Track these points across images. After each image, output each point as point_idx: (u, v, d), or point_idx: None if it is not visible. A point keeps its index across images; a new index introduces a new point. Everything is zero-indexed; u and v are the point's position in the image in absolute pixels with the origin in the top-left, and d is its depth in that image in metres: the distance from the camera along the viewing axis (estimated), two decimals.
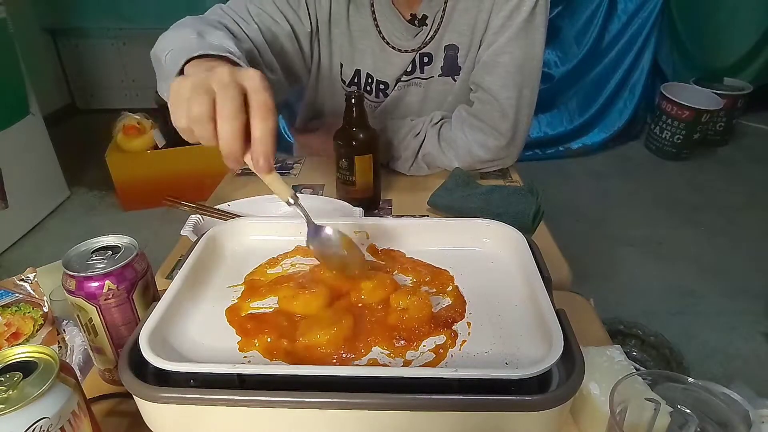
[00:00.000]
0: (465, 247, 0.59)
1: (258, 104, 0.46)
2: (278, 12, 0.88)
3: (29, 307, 0.79)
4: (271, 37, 0.88)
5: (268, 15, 0.88)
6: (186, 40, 0.65)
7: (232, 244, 0.60)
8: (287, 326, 0.47)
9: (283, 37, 0.90)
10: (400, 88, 0.99)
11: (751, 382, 1.40)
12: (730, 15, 2.83)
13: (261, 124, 0.46)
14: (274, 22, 0.88)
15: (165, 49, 0.67)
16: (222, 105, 0.46)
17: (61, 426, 0.38)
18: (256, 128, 0.46)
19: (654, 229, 2.20)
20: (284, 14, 0.89)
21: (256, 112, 0.46)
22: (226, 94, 0.46)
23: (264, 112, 0.46)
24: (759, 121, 3.09)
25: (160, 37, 0.74)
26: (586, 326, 0.63)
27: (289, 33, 0.90)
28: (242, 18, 0.85)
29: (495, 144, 0.94)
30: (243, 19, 0.85)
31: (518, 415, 0.38)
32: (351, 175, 0.85)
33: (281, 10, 0.89)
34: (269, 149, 0.47)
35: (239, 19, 0.84)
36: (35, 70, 2.45)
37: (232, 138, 0.46)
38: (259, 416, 0.39)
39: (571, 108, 2.83)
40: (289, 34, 0.90)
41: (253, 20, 0.86)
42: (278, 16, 0.88)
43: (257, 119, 0.46)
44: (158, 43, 0.72)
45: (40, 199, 2.34)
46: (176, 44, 0.65)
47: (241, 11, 0.86)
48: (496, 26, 0.89)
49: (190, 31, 0.67)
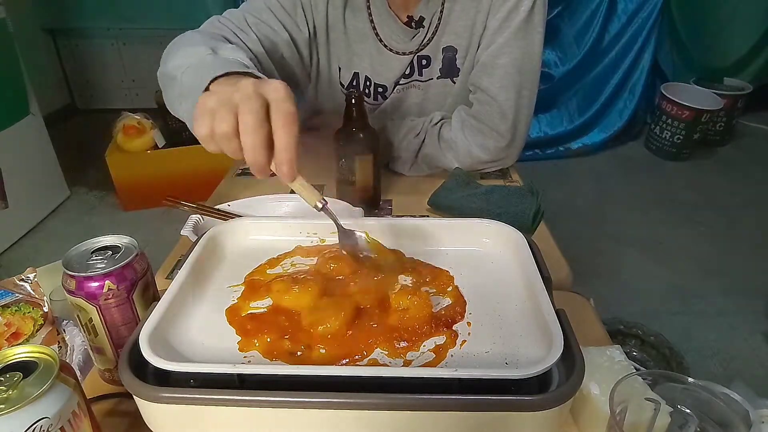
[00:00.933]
0: (465, 247, 0.59)
1: (281, 114, 0.47)
2: (276, 20, 0.88)
3: (29, 307, 0.78)
4: (270, 46, 0.87)
5: (266, 24, 0.87)
6: (201, 57, 0.66)
7: (232, 244, 0.60)
8: (288, 325, 0.47)
9: (282, 45, 0.89)
10: (399, 91, 0.99)
11: (751, 382, 1.40)
12: (730, 15, 2.83)
13: (284, 132, 0.47)
14: (272, 30, 0.88)
15: (179, 66, 0.67)
16: (244, 119, 0.47)
17: (61, 426, 0.38)
18: (280, 137, 0.47)
19: (654, 229, 2.20)
20: (282, 22, 0.89)
21: (279, 121, 0.47)
22: (248, 107, 0.47)
23: (287, 121, 0.47)
24: (759, 121, 3.09)
25: (165, 54, 0.73)
26: (586, 326, 0.63)
27: (288, 40, 0.90)
28: (241, 29, 0.84)
29: (495, 145, 0.94)
30: (242, 30, 0.84)
31: (518, 415, 0.38)
32: (351, 175, 0.85)
33: (279, 18, 0.88)
34: (293, 156, 0.48)
35: (238, 31, 0.84)
36: (35, 70, 2.45)
37: (255, 150, 0.47)
38: (259, 416, 0.39)
39: (571, 108, 2.83)
40: (288, 41, 0.90)
41: (251, 30, 0.85)
42: (276, 25, 0.88)
43: (280, 128, 0.47)
44: (168, 61, 0.71)
45: (40, 199, 2.34)
46: (191, 61, 0.66)
47: (239, 22, 0.85)
48: (494, 27, 0.89)
49: (204, 48, 0.67)
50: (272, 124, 0.48)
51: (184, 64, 0.66)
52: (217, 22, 0.85)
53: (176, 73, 0.67)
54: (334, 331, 0.46)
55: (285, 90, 0.49)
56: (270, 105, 0.48)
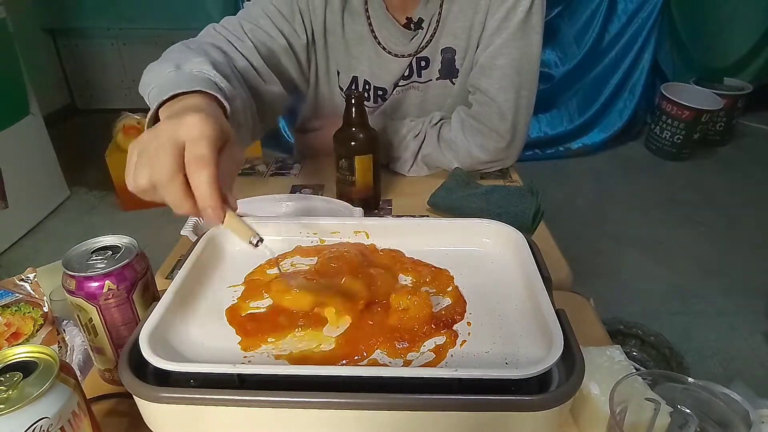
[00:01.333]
0: (465, 247, 0.59)
1: (191, 160, 0.45)
2: (273, 27, 0.87)
3: (29, 307, 0.78)
4: (267, 52, 0.86)
5: (263, 30, 0.86)
6: (163, 77, 0.64)
7: (232, 245, 0.60)
8: (288, 324, 0.47)
9: (279, 51, 0.89)
10: (398, 92, 0.99)
11: (751, 382, 1.40)
12: (730, 15, 2.83)
13: (197, 180, 0.45)
14: (269, 37, 0.87)
15: (148, 85, 0.66)
16: (156, 176, 0.45)
17: (61, 426, 0.38)
18: (195, 187, 0.45)
19: (654, 229, 2.20)
20: (279, 28, 0.88)
21: (191, 168, 0.45)
22: (159, 162, 0.45)
23: (198, 167, 0.45)
24: (759, 121, 3.09)
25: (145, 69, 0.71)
26: (586, 326, 0.63)
27: (285, 46, 0.89)
28: (236, 36, 0.83)
29: (494, 146, 0.94)
30: (237, 37, 0.83)
31: (518, 415, 0.38)
32: (351, 175, 0.85)
33: (276, 24, 0.87)
34: (213, 203, 0.45)
35: (233, 38, 0.83)
36: (35, 70, 2.45)
37: (176, 204, 0.46)
38: (259, 416, 0.39)
39: (571, 108, 2.83)
40: (286, 47, 0.89)
41: (247, 37, 0.84)
42: (273, 31, 0.87)
43: (192, 175, 0.45)
44: (144, 77, 0.70)
45: (40, 199, 2.34)
46: (156, 81, 0.64)
47: (235, 29, 0.84)
48: (492, 28, 0.89)
49: (169, 65, 0.65)
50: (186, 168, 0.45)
51: (150, 82, 0.65)
52: (213, 31, 0.84)
53: (144, 92, 0.67)
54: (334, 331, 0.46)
55: (198, 128, 0.46)
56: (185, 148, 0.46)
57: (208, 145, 0.45)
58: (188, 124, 0.46)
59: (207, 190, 0.45)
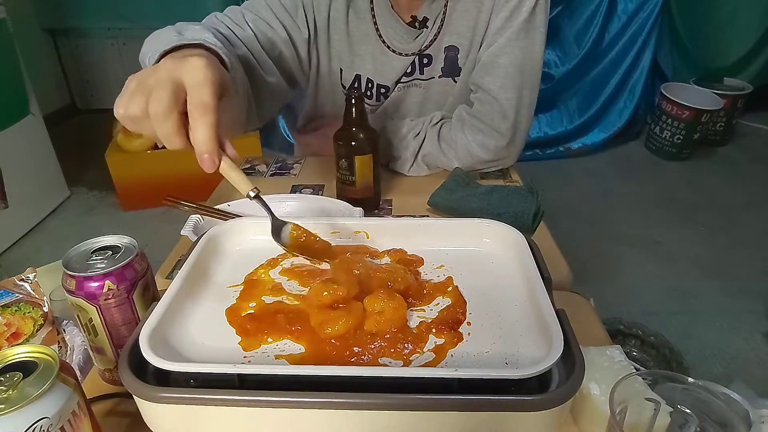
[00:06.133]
0: (465, 247, 0.59)
1: (193, 105, 0.46)
2: (275, 18, 0.88)
3: (29, 307, 0.79)
4: (267, 43, 0.87)
5: (264, 21, 0.87)
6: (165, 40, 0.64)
7: (232, 244, 0.60)
8: (287, 324, 0.47)
9: (280, 43, 0.89)
10: (400, 90, 0.99)
11: (751, 382, 1.41)
12: (730, 15, 2.83)
13: (196, 125, 0.45)
14: (270, 28, 0.87)
15: (147, 52, 0.66)
16: (151, 108, 0.45)
17: (61, 426, 0.38)
18: (194, 131, 0.46)
19: (654, 229, 2.20)
20: (281, 21, 0.88)
21: (193, 113, 0.46)
22: (157, 95, 0.45)
23: (199, 113, 0.45)
24: (759, 121, 3.09)
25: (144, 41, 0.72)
26: (586, 326, 0.63)
27: (286, 39, 0.89)
28: (237, 24, 0.84)
29: (495, 144, 0.94)
30: (238, 25, 0.84)
31: (518, 415, 0.38)
32: (351, 175, 0.85)
33: (278, 16, 0.88)
34: (210, 148, 0.46)
35: (234, 25, 0.83)
36: (35, 70, 2.45)
37: (167, 138, 0.46)
38: (259, 416, 0.39)
39: (571, 108, 2.83)
40: (286, 40, 0.89)
41: (248, 27, 0.85)
42: (275, 23, 0.88)
43: (194, 120, 0.45)
44: (144, 46, 0.70)
45: (40, 199, 2.34)
46: (158, 46, 0.64)
47: (237, 18, 0.85)
48: (496, 27, 0.89)
49: (170, 31, 0.66)
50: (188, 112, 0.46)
51: (151, 49, 0.65)
52: (214, 18, 0.85)
53: (145, 59, 0.67)
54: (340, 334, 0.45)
55: (201, 72, 0.46)
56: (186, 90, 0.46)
57: (211, 92, 0.46)
58: (191, 66, 0.46)
59: (206, 135, 0.45)
